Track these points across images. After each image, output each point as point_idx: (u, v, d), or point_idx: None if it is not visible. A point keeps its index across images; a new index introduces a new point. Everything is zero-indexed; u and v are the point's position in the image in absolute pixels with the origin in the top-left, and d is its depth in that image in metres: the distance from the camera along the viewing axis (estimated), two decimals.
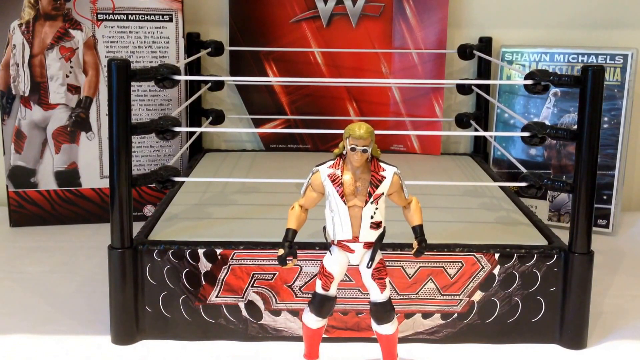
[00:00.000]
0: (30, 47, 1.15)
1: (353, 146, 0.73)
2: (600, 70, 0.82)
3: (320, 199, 0.76)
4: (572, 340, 0.84)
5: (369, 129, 0.74)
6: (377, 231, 0.75)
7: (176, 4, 1.18)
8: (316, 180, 0.75)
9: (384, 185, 0.74)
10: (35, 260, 1.07)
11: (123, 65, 0.80)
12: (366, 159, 0.74)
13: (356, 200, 0.74)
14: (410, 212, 0.76)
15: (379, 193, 0.74)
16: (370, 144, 0.73)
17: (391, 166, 0.76)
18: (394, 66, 1.30)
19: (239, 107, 1.34)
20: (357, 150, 0.72)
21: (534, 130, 0.85)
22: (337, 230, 0.75)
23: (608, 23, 1.31)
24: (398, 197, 0.76)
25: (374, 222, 0.75)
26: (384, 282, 0.76)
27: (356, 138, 0.72)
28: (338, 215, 0.75)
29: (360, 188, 0.74)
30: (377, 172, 0.75)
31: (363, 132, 0.72)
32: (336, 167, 0.75)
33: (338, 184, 0.74)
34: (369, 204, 0.74)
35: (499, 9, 1.32)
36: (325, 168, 0.76)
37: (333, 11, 1.29)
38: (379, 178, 0.74)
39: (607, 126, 1.18)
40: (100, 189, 1.21)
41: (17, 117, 1.16)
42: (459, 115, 1.30)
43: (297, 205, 0.76)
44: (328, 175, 0.75)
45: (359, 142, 0.72)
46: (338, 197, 0.74)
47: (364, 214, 0.74)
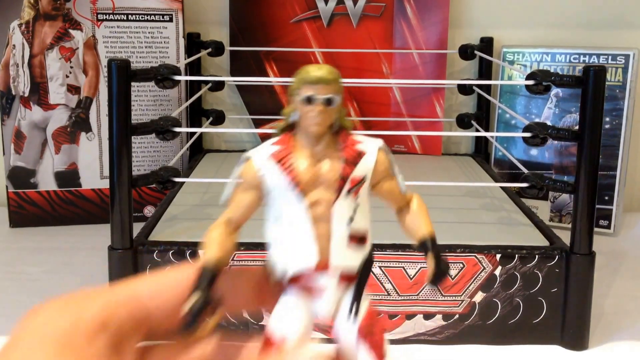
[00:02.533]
0: (30, 47, 1.15)
1: (309, 95, 0.48)
2: (602, 70, 0.81)
3: (258, 204, 0.51)
4: (573, 341, 0.84)
5: (333, 69, 0.48)
6: (360, 250, 0.49)
7: (176, 4, 1.18)
8: (249, 172, 0.49)
9: (364, 164, 0.49)
10: (35, 261, 1.07)
11: (123, 65, 0.80)
12: (331, 122, 0.49)
13: (320, 192, 0.48)
14: (410, 215, 0.52)
15: (358, 176, 0.48)
16: (337, 92, 0.48)
17: (372, 139, 0.51)
18: (395, 66, 1.30)
19: (239, 108, 1.34)
20: (316, 102, 0.48)
21: (535, 131, 0.85)
22: (289, 254, 0.48)
23: (610, 23, 1.31)
24: (389, 191, 0.51)
25: (355, 231, 0.48)
26: (381, 347, 0.49)
27: (313, 82, 0.48)
28: (290, 225, 0.48)
29: (324, 171, 0.48)
30: (349, 145, 0.49)
31: (324, 73, 0.48)
32: (283, 144, 0.49)
33: (287, 168, 0.48)
34: (342, 196, 0.48)
35: (500, 9, 1.32)
36: (263, 150, 0.50)
37: (334, 11, 1.29)
38: (354, 154, 0.49)
39: (609, 127, 1.18)
40: (101, 189, 1.21)
41: (17, 118, 1.16)
42: (460, 115, 1.30)
43: (220, 223, 0.51)
44: (273, 155, 0.49)
45: (320, 89, 0.48)
46: (289, 191, 0.48)
47: (335, 216, 0.48)
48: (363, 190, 0.49)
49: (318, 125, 0.48)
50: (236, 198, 0.51)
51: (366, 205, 0.50)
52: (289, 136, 0.50)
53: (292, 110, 0.50)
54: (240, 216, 0.51)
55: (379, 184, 0.50)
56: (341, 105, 0.50)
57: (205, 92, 1.29)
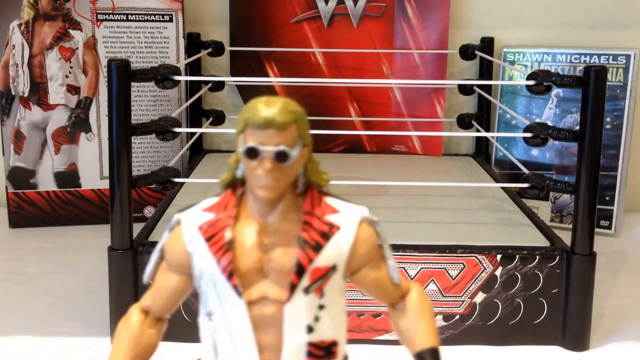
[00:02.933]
0: (29, 48, 1.14)
1: (252, 146, 0.36)
2: (603, 70, 0.81)
3: (187, 289, 0.41)
4: (574, 342, 0.84)
5: (291, 105, 0.38)
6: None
7: (176, 4, 1.18)
8: (174, 245, 0.39)
9: (333, 247, 0.37)
10: (35, 262, 1.06)
11: (123, 65, 0.80)
12: (289, 183, 0.38)
13: (267, 286, 0.37)
14: (407, 317, 0.41)
15: (323, 266, 0.37)
16: (297, 140, 0.37)
17: (353, 205, 0.40)
18: (395, 66, 1.30)
19: (239, 108, 1.34)
20: (262, 157, 0.36)
21: (536, 131, 0.85)
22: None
23: (611, 23, 1.31)
24: (375, 283, 0.40)
25: (318, 342, 0.38)
26: None
27: (259, 126, 0.36)
28: (226, 329, 0.38)
29: (276, 255, 0.37)
30: (317, 215, 0.38)
31: (276, 112, 0.37)
32: (221, 209, 0.38)
33: (219, 249, 0.37)
34: (298, 294, 0.37)
35: (501, 9, 1.32)
36: (198, 214, 0.39)
37: (334, 11, 1.28)
38: (322, 229, 0.37)
39: (610, 127, 1.18)
40: (100, 190, 1.20)
41: (17, 118, 1.16)
42: (461, 115, 1.30)
43: (136, 313, 0.41)
44: (201, 228, 0.38)
45: (268, 137, 0.36)
46: (224, 284, 0.37)
47: (287, 322, 0.37)
48: (332, 284, 0.37)
49: (268, 189, 0.36)
50: (158, 279, 0.40)
51: (337, 304, 0.38)
52: (232, 198, 0.38)
53: (236, 163, 0.38)
54: (163, 305, 0.40)
55: (360, 273, 0.39)
56: (307, 156, 0.38)
57: (205, 93, 1.29)
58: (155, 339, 0.41)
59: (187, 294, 0.40)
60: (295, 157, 0.36)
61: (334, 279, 0.38)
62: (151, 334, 0.40)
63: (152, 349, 0.40)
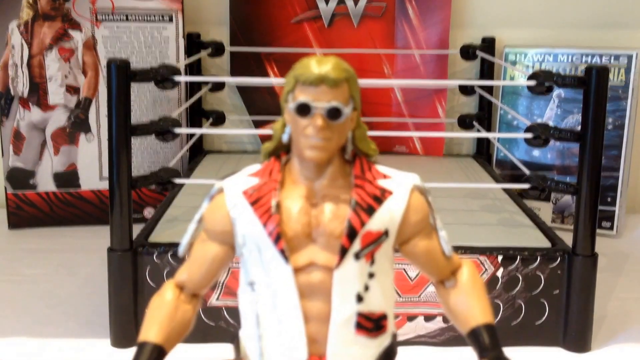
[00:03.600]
0: (29, 48, 1.14)
1: (304, 102, 0.35)
2: (605, 70, 0.81)
3: (228, 260, 0.39)
4: (576, 344, 0.83)
5: (343, 64, 0.36)
6: (374, 341, 0.37)
7: (176, 4, 1.18)
8: (216, 211, 0.38)
9: (386, 211, 0.36)
10: (34, 263, 1.06)
11: (123, 65, 0.80)
12: (340, 146, 0.37)
13: (315, 252, 0.36)
14: (459, 293, 0.39)
15: (375, 230, 0.36)
16: (348, 99, 0.36)
17: (405, 173, 0.39)
18: (396, 67, 1.29)
19: (239, 108, 1.34)
20: (314, 113, 0.35)
21: (538, 132, 0.85)
22: (267, 341, 0.36)
23: (612, 23, 1.31)
24: (426, 254, 0.38)
25: (367, 314, 0.36)
26: None
27: (312, 83, 0.35)
28: (270, 298, 0.36)
29: (326, 219, 0.36)
30: (368, 179, 0.37)
31: (329, 69, 0.35)
32: (265, 175, 0.37)
33: (265, 213, 0.36)
34: (348, 259, 0.36)
35: (502, 9, 1.32)
36: (242, 179, 0.38)
37: (335, 11, 1.28)
38: (374, 192, 0.36)
39: (612, 127, 1.17)
40: (100, 190, 1.20)
41: (16, 118, 1.15)
42: (462, 116, 1.30)
43: (171, 288, 0.40)
44: (246, 193, 0.37)
45: (321, 93, 0.35)
46: (270, 249, 0.36)
47: (336, 290, 0.36)
48: (383, 252, 0.36)
49: (317, 150, 0.35)
50: (196, 251, 0.38)
51: (387, 275, 0.37)
52: (276, 164, 0.37)
53: (284, 124, 0.37)
54: (200, 278, 0.38)
55: (411, 243, 0.37)
56: (357, 118, 0.37)
57: (205, 93, 1.29)
58: (190, 315, 0.39)
59: (226, 266, 0.39)
60: (348, 114, 0.35)
61: (385, 246, 0.36)
62: (186, 310, 0.38)
63: (186, 326, 0.39)
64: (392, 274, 0.37)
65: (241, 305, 0.38)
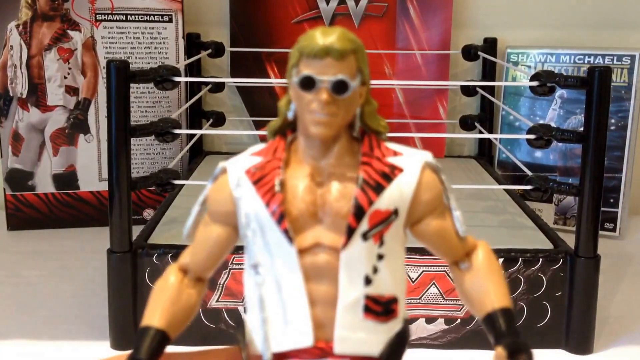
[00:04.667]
0: (27, 48, 1.14)
1: (308, 75, 0.35)
2: (607, 71, 0.81)
3: (229, 243, 0.38)
4: (578, 346, 0.83)
5: (350, 35, 0.36)
6: (384, 326, 0.35)
7: (176, 4, 1.17)
8: (220, 192, 0.37)
9: (396, 189, 0.35)
10: (33, 264, 1.06)
11: (122, 66, 0.79)
12: (347, 122, 0.35)
13: (321, 232, 0.35)
14: (475, 276, 0.38)
15: (384, 209, 0.34)
16: (355, 73, 0.35)
17: (416, 150, 0.38)
18: (398, 67, 1.29)
19: (239, 109, 1.33)
20: (319, 88, 0.34)
21: (540, 133, 0.85)
22: (272, 325, 0.35)
23: (615, 23, 1.30)
24: (439, 234, 0.37)
25: (376, 297, 0.35)
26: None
27: (316, 55, 0.35)
28: (274, 280, 0.35)
29: (332, 198, 0.34)
30: (377, 156, 0.35)
31: (335, 40, 0.35)
32: (269, 154, 0.36)
33: (268, 192, 0.35)
34: (356, 240, 0.34)
35: (504, 9, 1.31)
36: (245, 158, 0.37)
37: (335, 11, 1.28)
38: (383, 169, 0.35)
39: (614, 128, 1.17)
40: (99, 192, 1.20)
41: (15, 119, 1.15)
42: (464, 117, 1.29)
43: (174, 272, 0.39)
44: (249, 172, 0.36)
45: (326, 66, 0.34)
46: (273, 229, 0.35)
47: (344, 272, 0.34)
48: (393, 232, 0.34)
49: (323, 125, 0.33)
50: (200, 233, 0.37)
51: (398, 257, 0.35)
52: (281, 143, 0.36)
53: (289, 101, 0.36)
54: (204, 261, 0.37)
55: (423, 223, 0.35)
56: (366, 93, 0.35)
57: (205, 94, 1.28)
58: (194, 300, 0.38)
59: (230, 248, 0.37)
60: (355, 88, 0.34)
61: (394, 226, 0.34)
62: (190, 294, 0.37)
63: (191, 310, 0.37)
64: (403, 255, 0.36)
65: (246, 289, 0.37)
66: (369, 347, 0.34)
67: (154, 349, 0.36)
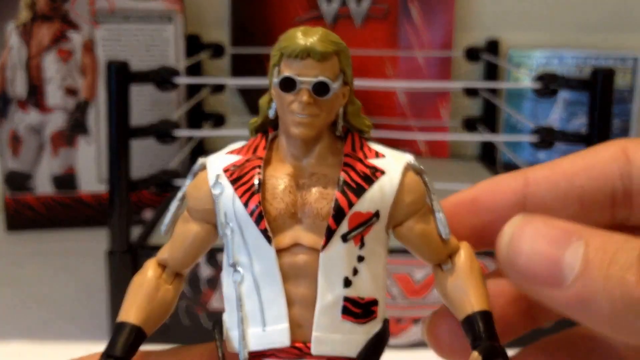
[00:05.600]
0: (27, 49, 1.13)
1: (288, 76, 0.34)
2: (610, 73, 0.81)
3: (210, 240, 0.37)
4: None
5: (331, 35, 0.35)
6: (363, 327, 0.35)
7: (176, 5, 1.17)
8: (198, 189, 0.36)
9: (377, 191, 0.34)
10: (32, 266, 1.05)
11: (122, 67, 0.79)
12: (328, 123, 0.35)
13: (301, 234, 0.34)
14: (455, 278, 0.37)
15: (365, 212, 0.34)
16: (338, 74, 0.35)
17: (399, 152, 0.36)
18: (399, 68, 1.29)
19: (240, 110, 1.33)
20: (299, 89, 0.34)
21: (543, 135, 0.84)
22: (249, 325, 0.35)
23: (618, 25, 1.30)
24: (422, 237, 0.36)
25: (356, 298, 0.34)
26: None
27: (296, 55, 0.34)
28: (253, 280, 0.35)
29: (312, 199, 0.34)
30: (359, 157, 0.35)
31: (316, 40, 0.34)
32: (249, 152, 0.36)
33: (246, 191, 0.34)
34: (335, 242, 0.34)
35: (507, 10, 1.31)
36: (224, 156, 0.37)
37: (337, 12, 1.27)
38: (364, 171, 0.34)
39: (618, 130, 1.16)
40: (99, 193, 1.19)
41: (14, 121, 1.14)
42: (466, 118, 1.29)
43: (152, 267, 0.38)
44: (227, 170, 0.35)
45: (306, 67, 0.34)
46: (252, 228, 0.34)
47: (322, 273, 0.34)
48: (374, 235, 0.34)
49: (304, 126, 0.33)
50: (178, 229, 0.37)
51: (378, 259, 0.35)
52: (262, 141, 0.36)
53: (270, 99, 0.36)
54: (182, 258, 0.37)
55: (406, 225, 0.35)
56: (349, 93, 0.36)
57: (205, 95, 1.28)
58: (171, 296, 0.37)
59: (209, 246, 0.37)
60: (336, 90, 0.34)
61: (375, 228, 0.34)
62: (167, 290, 0.37)
63: (167, 307, 0.37)
64: (384, 257, 0.35)
65: (224, 288, 0.36)
66: (346, 348, 0.34)
67: (129, 346, 0.36)
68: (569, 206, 0.38)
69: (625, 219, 0.38)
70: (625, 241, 0.32)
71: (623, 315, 0.31)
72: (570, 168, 0.38)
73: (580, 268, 0.31)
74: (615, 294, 0.31)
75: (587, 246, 0.32)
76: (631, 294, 0.31)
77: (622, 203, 0.38)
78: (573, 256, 0.32)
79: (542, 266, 0.32)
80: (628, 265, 0.31)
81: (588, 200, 0.38)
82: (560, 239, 0.32)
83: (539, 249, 0.33)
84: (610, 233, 0.32)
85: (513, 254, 0.33)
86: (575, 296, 0.32)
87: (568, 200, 0.38)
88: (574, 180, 0.38)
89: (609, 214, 0.38)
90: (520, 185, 0.38)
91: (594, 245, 0.32)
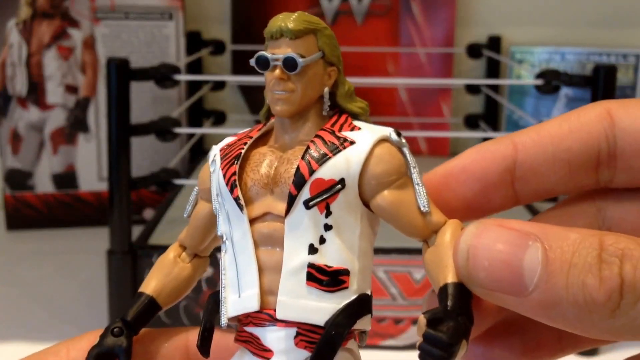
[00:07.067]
0: (27, 47, 1.13)
1: (260, 54, 0.37)
2: (612, 69, 0.80)
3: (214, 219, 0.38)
4: None
5: (308, 17, 0.37)
6: (329, 295, 0.34)
7: (177, 2, 1.17)
8: (203, 171, 0.38)
9: (341, 160, 0.34)
10: (32, 265, 1.05)
11: (122, 64, 0.79)
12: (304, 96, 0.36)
13: (272, 202, 0.35)
14: (436, 251, 0.35)
15: (326, 179, 0.34)
16: (313, 52, 0.36)
17: (380, 127, 0.36)
18: (401, 65, 1.28)
19: (241, 108, 1.33)
20: (273, 65, 0.36)
21: None
22: (228, 291, 0.36)
23: (620, 22, 1.29)
24: (396, 207, 0.35)
25: (319, 265, 0.34)
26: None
27: (272, 36, 0.37)
28: (231, 248, 0.36)
29: (283, 167, 0.35)
30: (332, 130, 0.35)
31: (289, 21, 0.36)
32: (244, 133, 0.39)
33: (229, 161, 0.36)
34: (298, 206, 0.34)
35: (509, 7, 1.30)
36: (225, 141, 0.39)
37: (338, 9, 1.27)
38: (333, 141, 0.34)
39: None
40: (99, 191, 1.19)
41: (14, 119, 1.14)
42: (468, 115, 1.29)
43: (173, 248, 0.40)
44: (222, 149, 0.37)
45: (279, 46, 0.36)
46: (229, 199, 0.35)
47: (288, 239, 0.34)
48: (342, 203, 0.34)
49: (282, 102, 0.35)
50: (194, 212, 0.39)
51: (351, 229, 0.35)
52: (261, 125, 0.39)
53: None
54: (196, 237, 0.38)
55: (379, 197, 0.35)
56: (336, 74, 0.36)
57: (206, 92, 1.28)
58: (187, 273, 0.39)
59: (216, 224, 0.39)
60: (303, 64, 0.35)
61: (343, 197, 0.34)
62: (183, 267, 0.39)
63: (185, 282, 0.39)
64: (358, 229, 0.35)
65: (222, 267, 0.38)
66: (312, 315, 0.34)
67: (140, 312, 0.38)
68: (558, 170, 0.37)
69: (609, 180, 0.38)
70: (582, 240, 0.31)
71: (588, 318, 0.31)
72: (557, 131, 0.38)
73: (541, 273, 0.31)
74: (579, 299, 0.31)
75: (544, 249, 0.31)
76: (594, 298, 0.31)
77: (606, 164, 0.38)
78: (532, 260, 0.31)
79: (503, 277, 0.32)
80: (588, 268, 0.31)
81: (576, 162, 0.37)
82: (517, 242, 0.32)
83: (496, 258, 0.32)
84: (567, 231, 0.32)
85: (474, 271, 0.33)
86: (539, 304, 0.32)
87: (557, 163, 0.37)
88: (562, 143, 0.37)
89: (594, 176, 0.38)
90: (509, 150, 0.38)
91: (551, 246, 0.32)
